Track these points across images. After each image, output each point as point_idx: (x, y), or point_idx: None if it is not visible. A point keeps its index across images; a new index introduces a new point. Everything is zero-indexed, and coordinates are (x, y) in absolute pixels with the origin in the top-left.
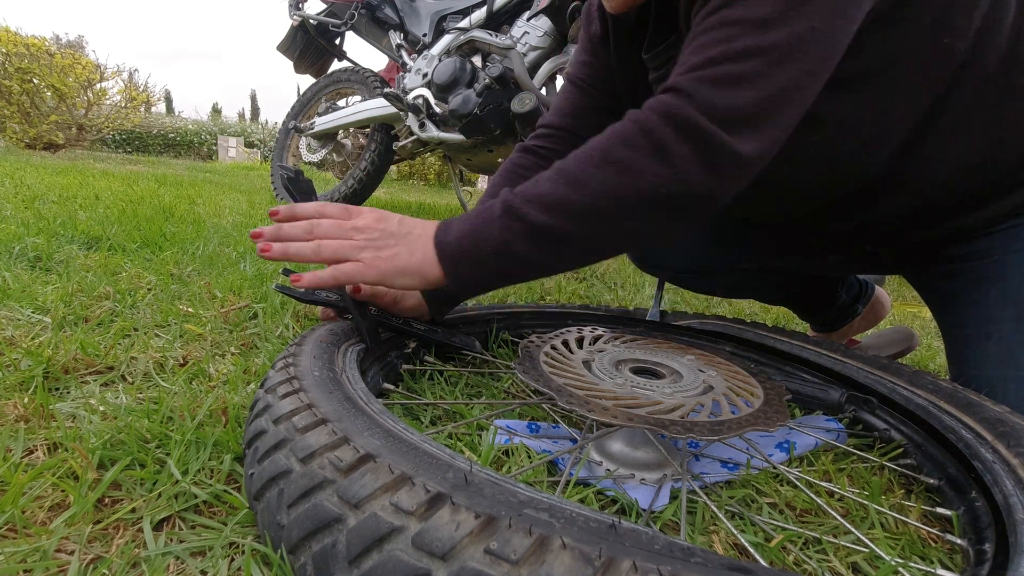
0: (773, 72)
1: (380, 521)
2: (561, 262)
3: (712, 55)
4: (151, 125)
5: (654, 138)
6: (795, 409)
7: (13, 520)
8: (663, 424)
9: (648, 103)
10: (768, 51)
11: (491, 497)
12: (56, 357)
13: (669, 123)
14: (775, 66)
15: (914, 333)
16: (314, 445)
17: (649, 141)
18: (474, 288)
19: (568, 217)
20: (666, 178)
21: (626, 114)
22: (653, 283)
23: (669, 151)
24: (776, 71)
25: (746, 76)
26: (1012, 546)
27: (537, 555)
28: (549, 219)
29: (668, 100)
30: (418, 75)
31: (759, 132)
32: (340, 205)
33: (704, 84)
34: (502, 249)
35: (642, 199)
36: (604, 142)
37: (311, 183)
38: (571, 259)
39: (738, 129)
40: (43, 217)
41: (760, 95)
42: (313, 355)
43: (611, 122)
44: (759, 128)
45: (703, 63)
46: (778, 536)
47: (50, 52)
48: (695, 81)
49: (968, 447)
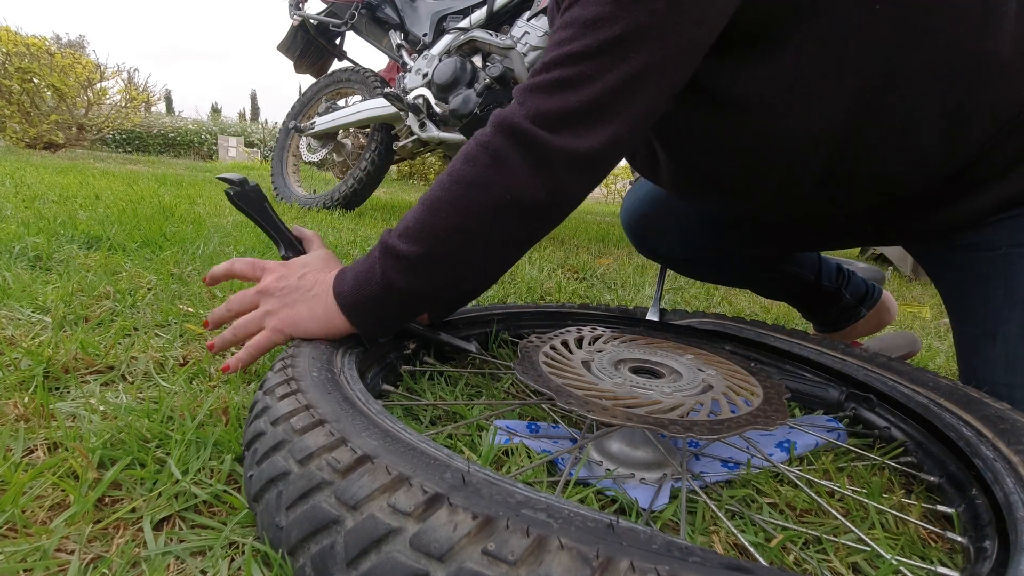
0: (602, 74)
1: (378, 522)
2: (446, 287)
3: (548, 60)
4: (151, 125)
5: (490, 150)
6: (795, 409)
7: (13, 519)
8: (662, 423)
9: (492, 116)
10: (596, 53)
11: (489, 497)
12: (56, 357)
13: (500, 132)
14: (605, 68)
15: (917, 338)
16: (312, 446)
17: (487, 153)
18: (382, 328)
19: (433, 242)
20: (505, 186)
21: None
22: (653, 283)
23: (504, 160)
24: (606, 73)
25: (574, 80)
26: (1013, 544)
27: (535, 555)
28: (417, 248)
29: (501, 111)
30: (418, 75)
31: (593, 130)
32: (247, 261)
33: (535, 92)
34: (387, 288)
35: (491, 210)
36: (453, 163)
37: (258, 189)
38: (453, 282)
39: (566, 130)
40: (43, 217)
41: (588, 97)
42: (312, 356)
43: None
44: (592, 127)
45: (541, 68)
46: (778, 536)
47: (50, 52)
48: (528, 89)
49: (969, 445)
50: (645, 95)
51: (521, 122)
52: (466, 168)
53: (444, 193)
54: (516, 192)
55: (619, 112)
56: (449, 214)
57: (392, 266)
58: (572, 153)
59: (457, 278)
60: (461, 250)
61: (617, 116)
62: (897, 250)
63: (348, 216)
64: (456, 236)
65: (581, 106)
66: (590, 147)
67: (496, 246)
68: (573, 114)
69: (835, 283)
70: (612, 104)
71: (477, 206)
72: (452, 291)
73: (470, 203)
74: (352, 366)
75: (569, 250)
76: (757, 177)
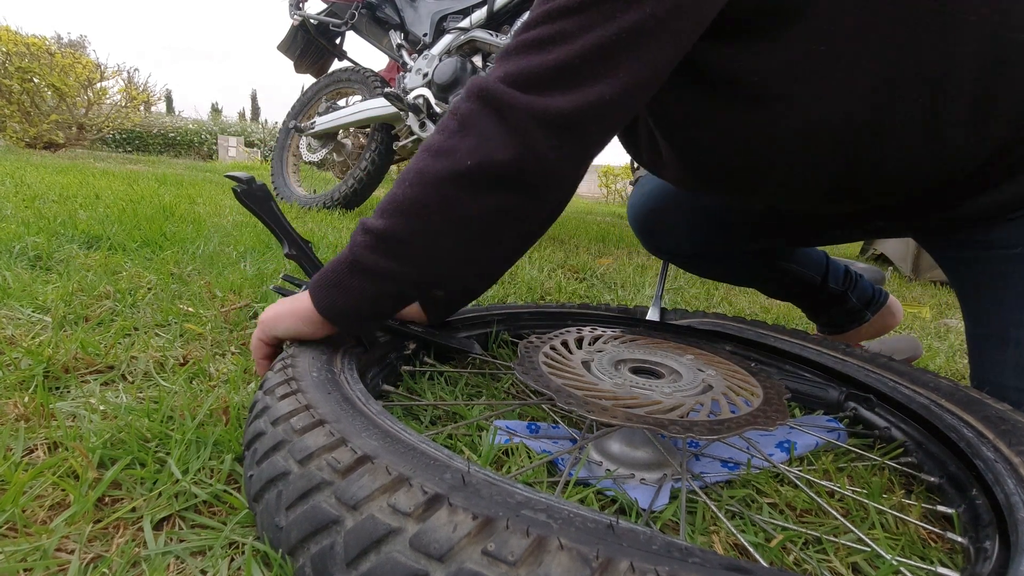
0: (582, 32)
1: (378, 523)
2: (417, 268)
3: (528, 19)
4: (151, 125)
5: (459, 115)
6: (795, 409)
7: (13, 519)
8: (662, 424)
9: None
10: (578, 10)
11: (489, 498)
12: (56, 356)
13: (471, 98)
14: (586, 26)
15: (919, 343)
16: (312, 446)
17: (456, 120)
18: (345, 316)
19: (400, 214)
20: (468, 151)
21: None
22: (653, 283)
23: (473, 123)
24: (586, 31)
25: (553, 37)
26: (1014, 544)
27: (535, 556)
28: (385, 222)
29: (476, 79)
30: (419, 75)
31: (570, 90)
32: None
33: (512, 53)
34: (352, 265)
35: (450, 178)
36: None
37: (264, 188)
38: (425, 263)
39: (538, 88)
40: (43, 216)
41: (566, 55)
42: (312, 356)
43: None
44: (569, 87)
45: (521, 28)
46: (778, 536)
47: (50, 51)
48: (505, 51)
49: (970, 446)
50: (631, 60)
51: (491, 83)
52: (435, 137)
53: (413, 164)
54: (479, 157)
55: (600, 74)
56: (412, 183)
57: (360, 242)
58: (543, 112)
59: (430, 259)
60: (423, 224)
61: (598, 78)
62: (897, 250)
63: (348, 216)
64: (420, 209)
65: (557, 64)
66: (563, 107)
67: (464, 222)
68: (548, 72)
69: (842, 286)
70: (592, 64)
71: (441, 175)
72: (427, 275)
73: (434, 171)
74: (352, 367)
75: (569, 250)
76: (766, 172)
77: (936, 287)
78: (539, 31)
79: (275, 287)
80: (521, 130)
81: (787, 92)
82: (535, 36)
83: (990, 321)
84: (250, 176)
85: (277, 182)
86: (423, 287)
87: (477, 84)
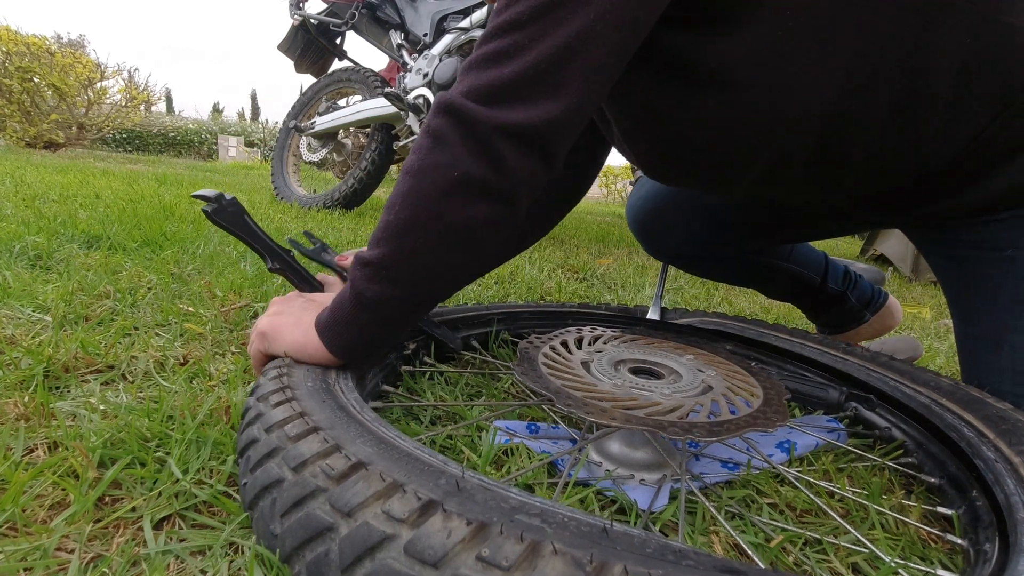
0: (535, 43)
1: (372, 530)
2: (415, 289)
3: (485, 32)
4: (151, 124)
5: (431, 132)
6: (795, 409)
7: (14, 518)
8: (662, 426)
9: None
10: (528, 21)
11: (483, 503)
12: (56, 356)
13: (438, 112)
14: (537, 36)
15: (919, 344)
16: (306, 453)
17: (428, 136)
18: (358, 349)
19: (391, 239)
20: (448, 166)
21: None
22: (652, 283)
23: (443, 140)
24: (538, 41)
25: (508, 50)
26: (1012, 546)
27: (529, 561)
28: (379, 251)
29: (442, 94)
30: (419, 75)
31: (530, 103)
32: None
33: (472, 67)
34: (356, 300)
35: (439, 194)
36: (407, 159)
37: (236, 203)
38: (421, 282)
39: (500, 103)
40: (43, 216)
41: (521, 68)
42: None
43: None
44: (528, 99)
45: (480, 41)
46: (778, 537)
47: (50, 51)
48: (466, 66)
49: (970, 445)
50: (584, 64)
51: (455, 98)
52: (413, 157)
53: (397, 188)
54: (461, 170)
55: (556, 83)
56: (402, 206)
57: (359, 275)
58: (507, 126)
59: (427, 276)
60: (421, 243)
61: (556, 88)
62: (897, 251)
63: (348, 216)
64: (413, 228)
65: (515, 77)
66: (525, 120)
67: (458, 232)
68: (507, 86)
69: (841, 286)
70: (548, 75)
71: (425, 192)
72: (428, 291)
73: (418, 190)
74: (347, 373)
75: (569, 250)
76: (737, 162)
77: (936, 288)
78: (495, 44)
79: (290, 239)
80: (487, 143)
81: (751, 79)
82: (492, 49)
83: (981, 321)
84: (218, 193)
85: (277, 182)
86: (422, 305)
87: (444, 99)
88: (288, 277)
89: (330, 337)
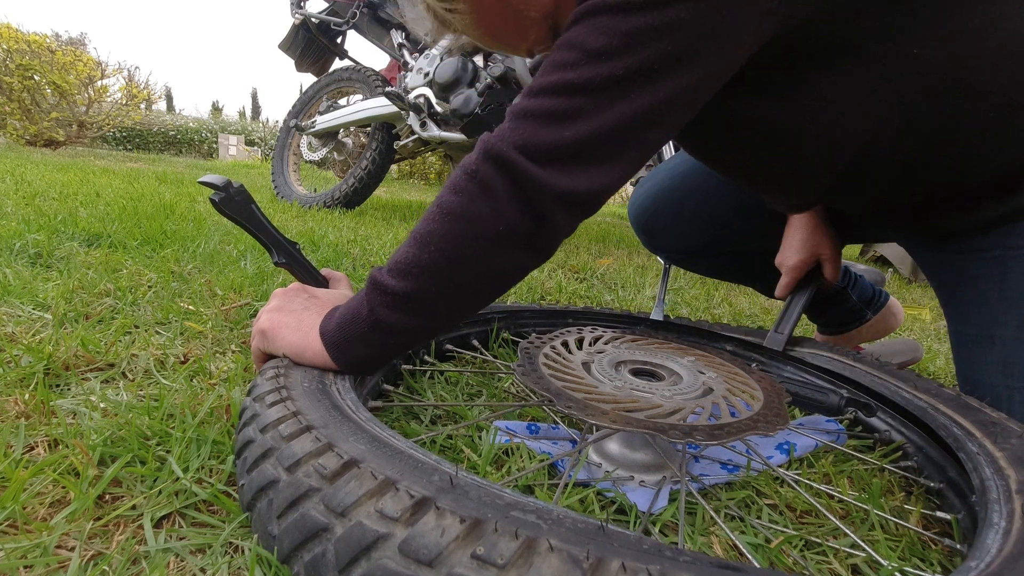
0: (600, 112)
1: (366, 529)
2: (436, 320)
3: (545, 83)
4: (152, 123)
5: (478, 179)
6: (794, 411)
7: (14, 516)
8: (662, 428)
9: (479, 141)
10: (596, 90)
11: (477, 500)
12: (57, 354)
13: (488, 160)
14: (603, 106)
15: (919, 345)
16: (299, 453)
17: (474, 183)
18: (366, 365)
19: (423, 277)
20: (494, 218)
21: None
22: (653, 283)
23: (492, 190)
24: (604, 111)
25: (570, 112)
26: (981, 520)
27: (525, 558)
28: (406, 284)
29: (489, 136)
30: (420, 74)
31: (584, 170)
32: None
33: (527, 118)
34: (374, 324)
35: (481, 242)
36: (442, 193)
37: (244, 191)
38: (444, 315)
39: (556, 165)
40: (44, 214)
41: (582, 134)
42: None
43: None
44: (584, 166)
45: (537, 90)
46: (777, 539)
47: (51, 49)
48: (520, 114)
49: (956, 441)
50: (644, 139)
51: (509, 152)
52: (454, 199)
53: (433, 226)
54: (506, 224)
55: (614, 154)
56: (438, 248)
57: (380, 302)
58: (561, 191)
59: (451, 311)
60: (452, 284)
61: (612, 158)
62: (897, 252)
63: (348, 215)
64: (447, 270)
65: (575, 142)
66: (579, 187)
67: (488, 278)
68: (565, 150)
69: (841, 283)
70: (607, 145)
71: (467, 239)
72: (444, 325)
73: (459, 236)
74: (345, 375)
75: (569, 250)
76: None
77: None
78: (556, 102)
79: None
80: (539, 203)
81: (807, 125)
82: (552, 107)
83: (973, 321)
84: (226, 179)
85: (278, 181)
86: (441, 331)
87: (495, 148)
88: (293, 271)
89: (339, 353)
